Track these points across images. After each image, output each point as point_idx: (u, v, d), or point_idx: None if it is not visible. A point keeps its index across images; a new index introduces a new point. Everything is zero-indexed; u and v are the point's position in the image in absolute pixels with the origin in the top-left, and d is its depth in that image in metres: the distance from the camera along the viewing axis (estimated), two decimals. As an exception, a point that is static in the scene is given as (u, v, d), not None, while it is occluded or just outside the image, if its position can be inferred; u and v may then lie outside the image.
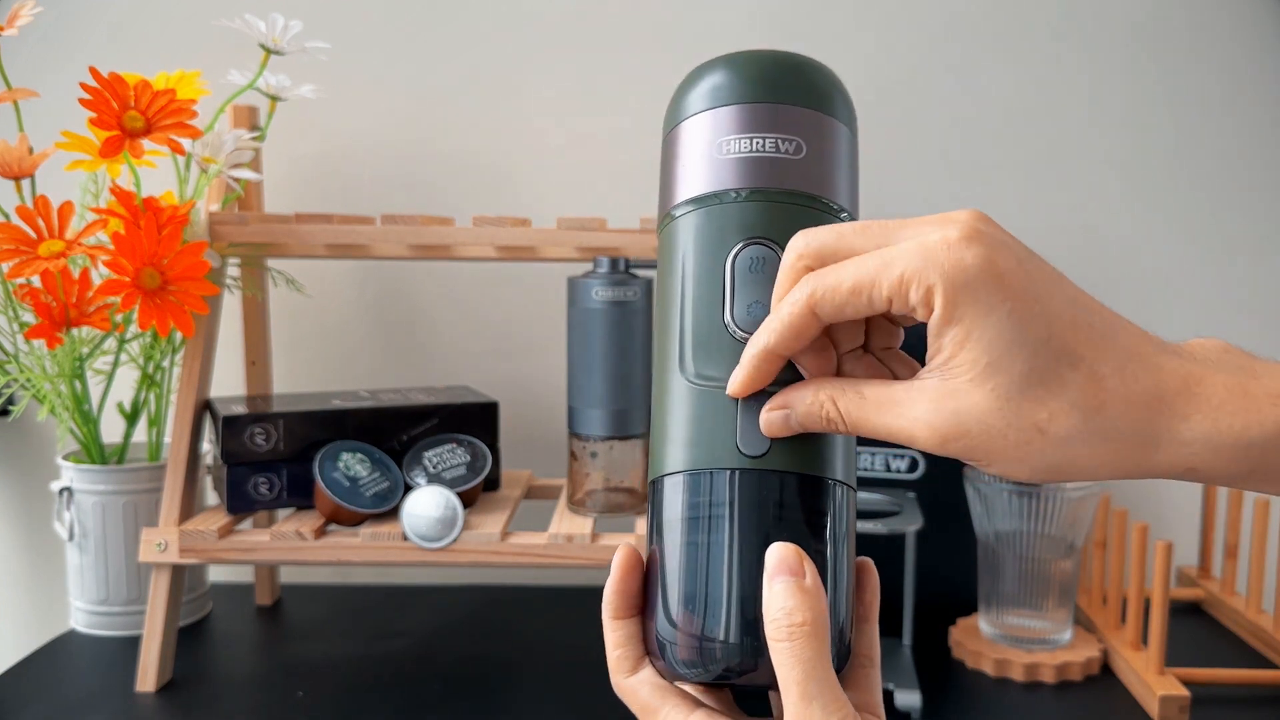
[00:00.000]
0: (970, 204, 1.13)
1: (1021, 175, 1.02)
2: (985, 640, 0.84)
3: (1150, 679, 0.76)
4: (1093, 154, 1.02)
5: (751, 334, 0.37)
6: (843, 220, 0.40)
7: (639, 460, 0.80)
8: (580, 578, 1.01)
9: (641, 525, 0.77)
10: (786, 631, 0.34)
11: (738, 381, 0.37)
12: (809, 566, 0.35)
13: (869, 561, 0.41)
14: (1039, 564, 0.81)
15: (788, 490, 0.37)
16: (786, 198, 0.39)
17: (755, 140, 0.40)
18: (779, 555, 0.36)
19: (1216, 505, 0.98)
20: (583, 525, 0.77)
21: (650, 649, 0.39)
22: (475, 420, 0.84)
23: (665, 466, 0.39)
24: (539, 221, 0.81)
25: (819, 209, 0.39)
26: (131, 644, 0.83)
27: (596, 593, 1.10)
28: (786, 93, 0.40)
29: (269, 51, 0.84)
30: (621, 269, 0.77)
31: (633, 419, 0.79)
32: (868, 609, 0.40)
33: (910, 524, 0.81)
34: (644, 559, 0.40)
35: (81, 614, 0.90)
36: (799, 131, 0.40)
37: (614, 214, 0.84)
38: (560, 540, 0.75)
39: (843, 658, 0.38)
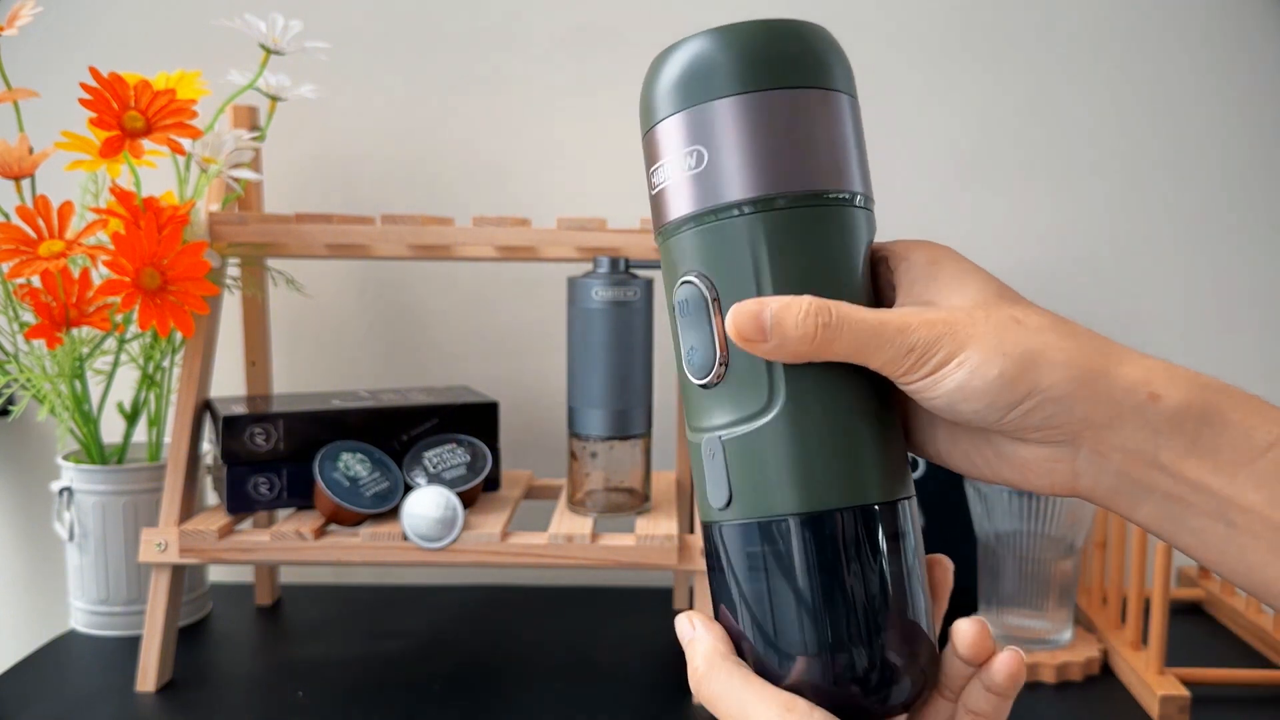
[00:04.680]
0: (964, 211, 1.14)
1: (1016, 181, 1.02)
2: (985, 640, 0.84)
3: (1150, 679, 0.76)
4: (1083, 160, 1.02)
5: (698, 379, 0.37)
6: (762, 210, 0.35)
7: (639, 460, 0.80)
8: (580, 578, 1.01)
9: (641, 525, 0.77)
10: (695, 684, 0.38)
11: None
12: (697, 619, 0.39)
13: (941, 559, 0.40)
14: (1039, 564, 0.81)
15: (754, 539, 0.36)
16: (697, 220, 0.36)
17: (664, 168, 0.37)
18: (679, 629, 0.39)
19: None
20: (583, 525, 0.77)
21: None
22: (475, 420, 0.84)
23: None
24: (539, 221, 0.82)
25: (731, 216, 0.36)
26: (131, 644, 0.83)
27: (596, 593, 1.10)
28: (680, 95, 0.36)
29: (269, 51, 0.84)
30: (621, 269, 0.77)
31: (633, 419, 0.79)
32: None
33: (910, 524, 0.81)
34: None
35: (81, 614, 0.90)
36: (698, 138, 0.36)
37: (614, 214, 0.84)
38: (560, 540, 0.75)
39: (931, 676, 0.37)
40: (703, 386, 0.37)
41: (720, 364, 0.36)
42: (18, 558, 1.07)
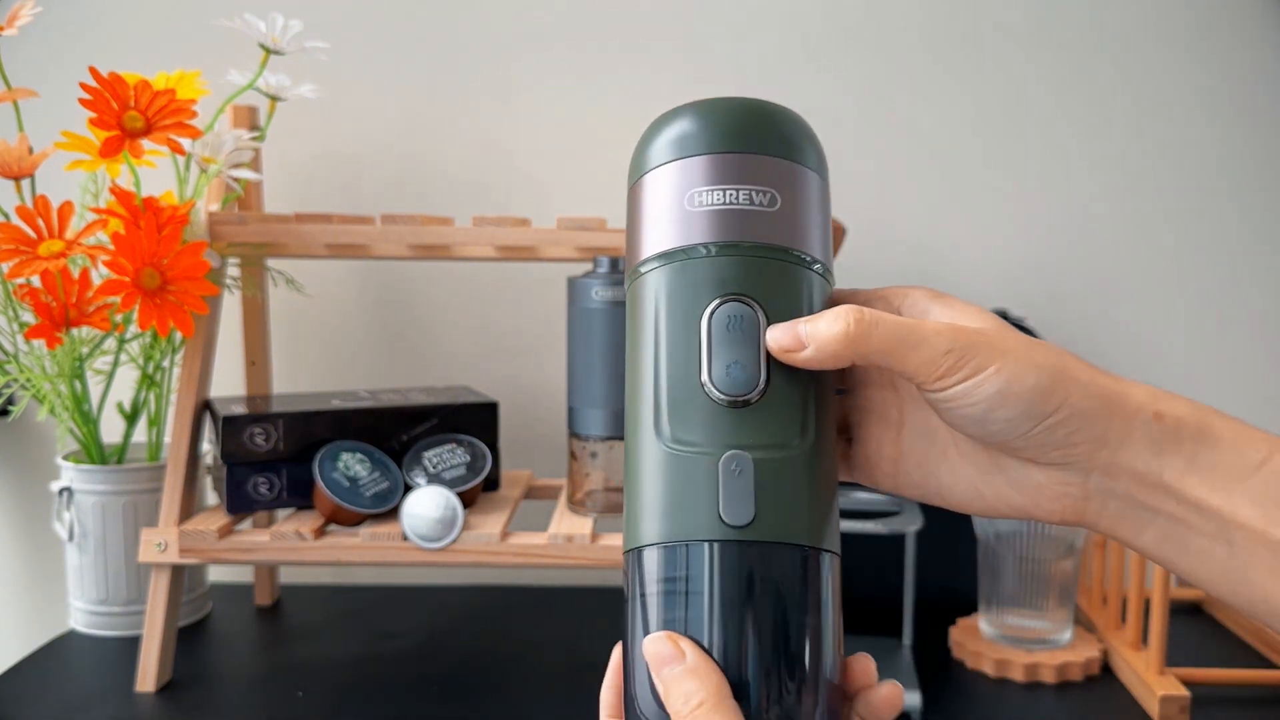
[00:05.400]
0: (958, 215, 1.13)
1: (1011, 182, 1.02)
2: (985, 640, 0.84)
3: (1150, 679, 0.76)
4: (1081, 162, 1.02)
5: (731, 395, 0.37)
6: (815, 272, 0.39)
7: (639, 460, 0.80)
8: (580, 578, 1.01)
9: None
10: (690, 717, 0.33)
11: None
12: (687, 645, 0.34)
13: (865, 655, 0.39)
14: (1039, 564, 0.81)
15: (774, 562, 0.35)
16: (762, 251, 0.38)
17: (728, 192, 0.38)
18: (653, 650, 0.34)
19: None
20: (583, 525, 0.77)
21: None
22: (475, 420, 0.84)
23: (640, 538, 0.37)
24: (539, 221, 0.81)
25: (794, 262, 0.38)
26: (131, 644, 0.83)
27: (596, 593, 1.10)
28: (759, 142, 0.39)
29: (269, 51, 0.84)
30: (621, 269, 0.77)
31: (633, 419, 0.79)
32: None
33: (910, 524, 0.81)
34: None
35: (81, 614, 0.90)
36: (773, 182, 0.39)
37: (614, 214, 0.84)
38: (560, 540, 0.75)
39: None
40: (731, 404, 0.37)
41: (763, 384, 0.37)
42: (17, 558, 1.07)
